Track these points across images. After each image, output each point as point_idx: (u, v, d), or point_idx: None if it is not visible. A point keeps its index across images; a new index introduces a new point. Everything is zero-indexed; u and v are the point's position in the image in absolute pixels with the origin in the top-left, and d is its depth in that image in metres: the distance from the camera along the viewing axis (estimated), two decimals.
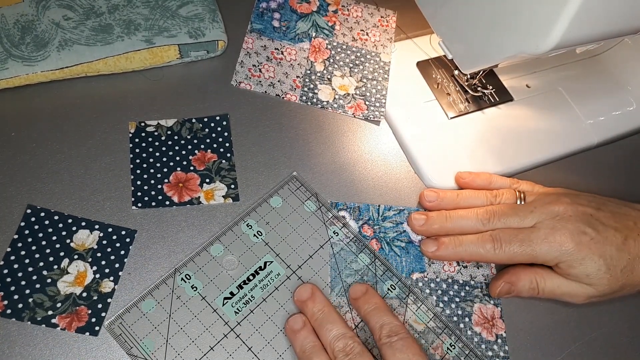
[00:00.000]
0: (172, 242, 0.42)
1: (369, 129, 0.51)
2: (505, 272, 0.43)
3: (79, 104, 0.47)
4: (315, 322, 0.39)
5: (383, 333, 0.37)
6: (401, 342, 0.36)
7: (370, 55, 0.54)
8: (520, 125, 0.52)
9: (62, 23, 0.47)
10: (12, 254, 0.40)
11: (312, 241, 0.44)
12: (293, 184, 0.46)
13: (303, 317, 0.39)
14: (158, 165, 0.45)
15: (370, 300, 0.40)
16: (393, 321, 0.38)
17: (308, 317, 0.39)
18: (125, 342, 0.38)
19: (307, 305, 0.39)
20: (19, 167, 0.43)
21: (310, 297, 0.40)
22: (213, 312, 0.40)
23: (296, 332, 0.38)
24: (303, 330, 0.38)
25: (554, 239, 0.41)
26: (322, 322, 0.38)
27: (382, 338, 0.37)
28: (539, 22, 0.36)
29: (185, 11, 0.50)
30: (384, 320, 0.38)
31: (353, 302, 0.41)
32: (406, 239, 0.45)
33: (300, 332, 0.38)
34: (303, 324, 0.39)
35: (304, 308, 0.40)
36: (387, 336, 0.37)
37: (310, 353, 0.37)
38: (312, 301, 0.39)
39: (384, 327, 0.38)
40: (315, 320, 0.39)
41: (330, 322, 0.38)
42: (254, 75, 0.51)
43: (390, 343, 0.37)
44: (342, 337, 0.37)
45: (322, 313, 0.39)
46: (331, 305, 0.40)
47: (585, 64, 0.58)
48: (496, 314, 0.43)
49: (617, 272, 0.41)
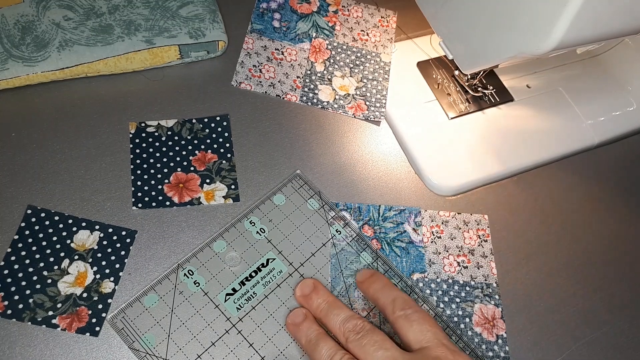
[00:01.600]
0: (172, 242, 0.42)
1: (369, 129, 0.51)
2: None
3: (79, 104, 0.47)
4: (321, 312, 0.38)
5: (397, 306, 0.36)
6: (417, 315, 0.36)
7: (370, 56, 0.54)
8: (521, 125, 0.52)
9: (63, 23, 0.47)
10: (13, 254, 0.40)
11: (314, 239, 0.44)
12: (296, 182, 0.46)
13: (304, 310, 0.39)
14: (158, 166, 0.45)
15: (378, 280, 0.39)
16: (404, 296, 0.37)
17: (312, 309, 0.39)
18: (128, 337, 0.38)
19: (311, 298, 0.39)
20: (19, 167, 0.43)
21: (313, 289, 0.39)
22: (215, 308, 0.40)
23: (298, 324, 0.38)
24: (305, 322, 0.38)
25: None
26: (328, 310, 0.38)
27: (396, 311, 0.36)
28: (540, 23, 0.36)
29: (186, 11, 0.50)
30: (396, 295, 0.37)
31: (360, 285, 0.40)
32: (407, 239, 0.45)
33: (302, 324, 0.38)
34: (304, 316, 0.38)
35: (308, 302, 0.39)
36: (401, 309, 0.36)
37: (316, 340, 0.36)
38: (315, 293, 0.39)
39: (397, 300, 0.37)
40: (321, 310, 0.38)
41: (336, 308, 0.38)
42: (254, 76, 0.51)
43: (406, 315, 0.36)
44: (350, 319, 0.36)
45: (326, 303, 0.38)
46: (334, 296, 0.39)
47: (586, 64, 0.58)
48: (497, 314, 0.43)
49: None
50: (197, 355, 0.38)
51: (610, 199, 0.43)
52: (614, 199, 0.49)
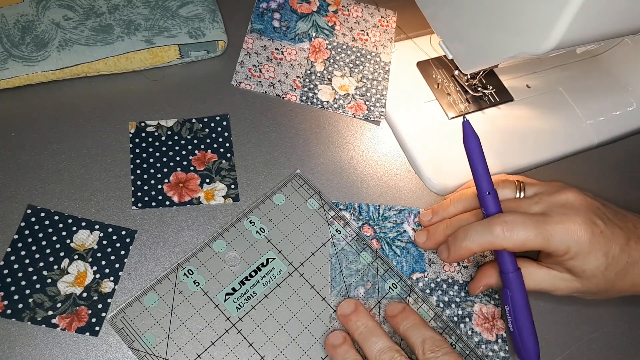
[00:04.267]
0: (172, 242, 0.42)
1: (369, 129, 0.51)
2: (485, 271, 0.42)
3: (79, 104, 0.47)
4: (359, 336, 0.38)
5: (426, 347, 0.36)
6: (446, 357, 0.35)
7: (370, 56, 0.54)
8: (521, 125, 0.52)
9: (62, 23, 0.47)
10: (12, 254, 0.40)
11: (314, 239, 0.44)
12: (296, 182, 0.46)
13: (343, 333, 0.39)
14: (158, 166, 0.45)
15: (409, 317, 0.39)
16: (435, 335, 0.37)
17: (351, 331, 0.39)
18: (127, 336, 0.38)
19: (351, 319, 0.39)
20: (19, 167, 0.43)
21: (354, 311, 0.39)
22: (215, 308, 0.40)
23: (336, 347, 0.38)
24: (344, 345, 0.38)
25: (568, 226, 0.38)
26: (367, 336, 0.37)
27: (425, 352, 0.36)
28: (540, 23, 0.36)
29: (186, 11, 0.50)
30: (426, 335, 0.37)
31: (390, 319, 0.40)
32: (406, 239, 0.45)
33: (341, 347, 0.38)
34: (343, 339, 0.38)
35: (348, 322, 0.39)
36: (430, 350, 0.36)
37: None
38: (355, 315, 0.39)
39: (427, 342, 0.36)
40: (360, 334, 0.38)
41: (375, 335, 0.37)
42: (254, 76, 0.51)
43: (436, 358, 0.35)
44: (388, 350, 0.36)
45: (365, 327, 0.38)
46: (375, 319, 0.39)
47: (586, 64, 0.58)
48: (497, 314, 0.43)
49: (612, 274, 0.39)
50: (196, 355, 0.38)
51: (610, 199, 0.43)
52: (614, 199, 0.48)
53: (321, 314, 0.41)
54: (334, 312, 0.41)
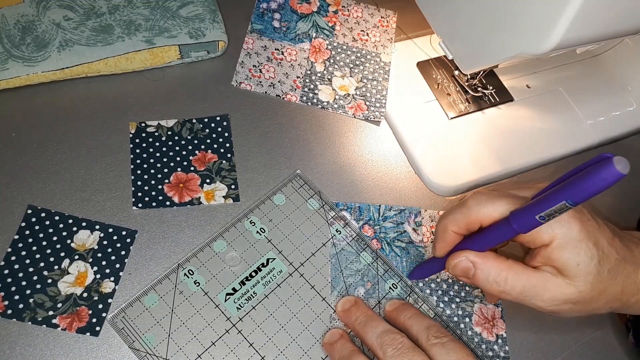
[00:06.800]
0: (172, 242, 0.42)
1: (369, 129, 0.51)
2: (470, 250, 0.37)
3: (80, 104, 0.47)
4: (359, 325, 0.38)
5: (431, 333, 0.36)
6: (453, 344, 0.35)
7: (370, 56, 0.54)
8: (521, 125, 0.52)
9: (63, 23, 0.47)
10: (13, 254, 0.40)
11: (314, 239, 0.44)
12: (296, 182, 0.46)
13: (340, 331, 0.39)
14: (158, 166, 0.45)
15: (408, 308, 0.40)
16: (437, 324, 0.37)
17: (351, 323, 0.39)
18: (128, 336, 0.38)
19: (351, 311, 0.39)
20: (20, 167, 0.43)
21: (354, 304, 0.40)
22: (215, 308, 0.40)
23: (333, 343, 0.38)
24: (340, 340, 0.38)
25: None
26: (366, 323, 0.38)
27: (430, 338, 0.36)
28: (540, 23, 0.37)
29: (186, 12, 0.50)
30: (429, 322, 0.37)
31: (389, 313, 0.40)
32: (407, 239, 0.45)
33: (337, 342, 0.38)
34: (340, 335, 0.39)
35: (348, 316, 0.40)
36: (435, 337, 0.36)
37: (349, 357, 0.37)
38: (355, 307, 0.40)
39: (431, 328, 0.37)
40: (359, 323, 0.38)
41: (374, 320, 0.38)
42: (254, 76, 0.51)
43: (442, 343, 0.35)
44: (389, 332, 0.36)
45: (365, 316, 0.39)
46: (374, 312, 0.40)
47: (586, 64, 0.58)
48: (497, 314, 0.43)
49: (605, 271, 0.35)
50: (197, 355, 0.38)
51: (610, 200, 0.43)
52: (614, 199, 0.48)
53: (321, 314, 0.41)
54: (334, 312, 0.41)
